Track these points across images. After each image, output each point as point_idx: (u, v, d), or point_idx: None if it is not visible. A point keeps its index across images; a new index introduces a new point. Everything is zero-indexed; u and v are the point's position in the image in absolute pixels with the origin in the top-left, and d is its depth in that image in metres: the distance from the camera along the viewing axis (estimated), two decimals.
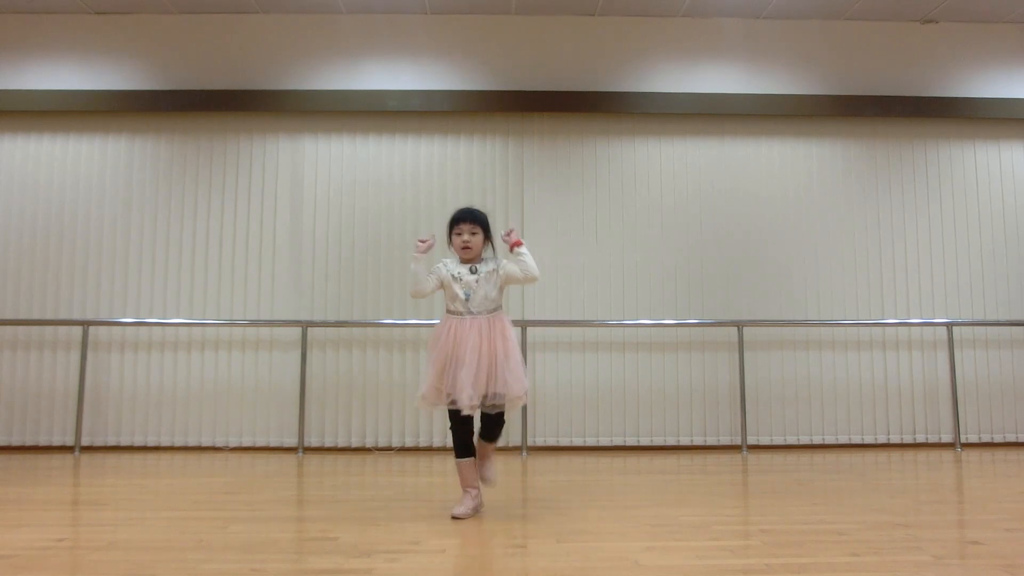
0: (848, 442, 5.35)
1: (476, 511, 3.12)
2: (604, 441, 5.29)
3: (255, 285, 5.37)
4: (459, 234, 3.18)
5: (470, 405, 2.98)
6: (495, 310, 3.15)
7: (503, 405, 3.07)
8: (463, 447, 3.13)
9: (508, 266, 3.18)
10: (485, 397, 3.01)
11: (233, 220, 5.42)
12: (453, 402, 3.01)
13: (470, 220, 3.18)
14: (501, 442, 5.15)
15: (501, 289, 3.19)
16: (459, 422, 3.10)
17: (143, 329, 5.31)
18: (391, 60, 5.49)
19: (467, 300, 3.11)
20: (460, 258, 3.21)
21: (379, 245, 5.41)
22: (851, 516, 3.08)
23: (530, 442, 5.20)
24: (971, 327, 5.49)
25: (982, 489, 3.77)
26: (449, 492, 3.69)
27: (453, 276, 3.16)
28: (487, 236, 3.22)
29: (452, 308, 3.16)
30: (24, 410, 5.24)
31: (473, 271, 3.16)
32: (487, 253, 3.25)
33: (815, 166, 5.61)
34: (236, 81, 5.42)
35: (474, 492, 3.13)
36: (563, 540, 2.71)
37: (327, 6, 5.40)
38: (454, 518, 3.03)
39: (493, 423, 3.13)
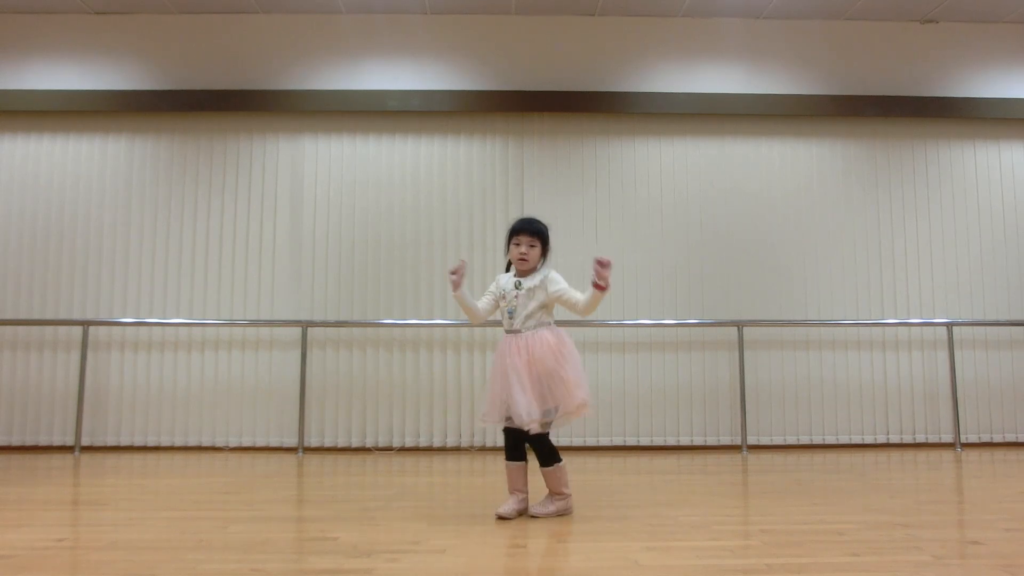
0: (848, 442, 5.35)
1: (520, 514, 3.08)
2: (604, 441, 5.29)
3: (255, 285, 5.37)
4: (517, 244, 3.12)
5: (529, 422, 2.95)
6: (539, 326, 3.08)
7: (548, 422, 3.02)
8: (510, 449, 3.12)
9: (562, 287, 3.09)
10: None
11: (233, 220, 5.42)
12: (510, 419, 3.02)
13: (529, 232, 3.12)
14: (501, 441, 5.19)
15: (546, 306, 3.11)
16: (508, 432, 3.10)
17: (143, 329, 5.31)
18: (391, 60, 5.49)
19: (511, 317, 3.10)
20: (516, 269, 3.16)
21: (379, 245, 5.41)
22: (851, 516, 3.08)
23: None
24: (971, 327, 5.49)
25: (982, 489, 3.77)
26: (449, 492, 3.70)
27: (503, 293, 3.14)
28: (545, 249, 3.16)
29: (504, 325, 3.16)
30: (24, 410, 5.24)
31: (518, 286, 3.11)
32: (541, 266, 3.17)
33: (815, 166, 5.61)
34: (236, 81, 5.42)
35: (520, 496, 3.11)
36: (563, 540, 2.71)
37: (327, 6, 5.40)
38: (498, 517, 3.02)
39: (530, 442, 3.10)
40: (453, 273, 3.10)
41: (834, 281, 5.50)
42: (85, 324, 5.19)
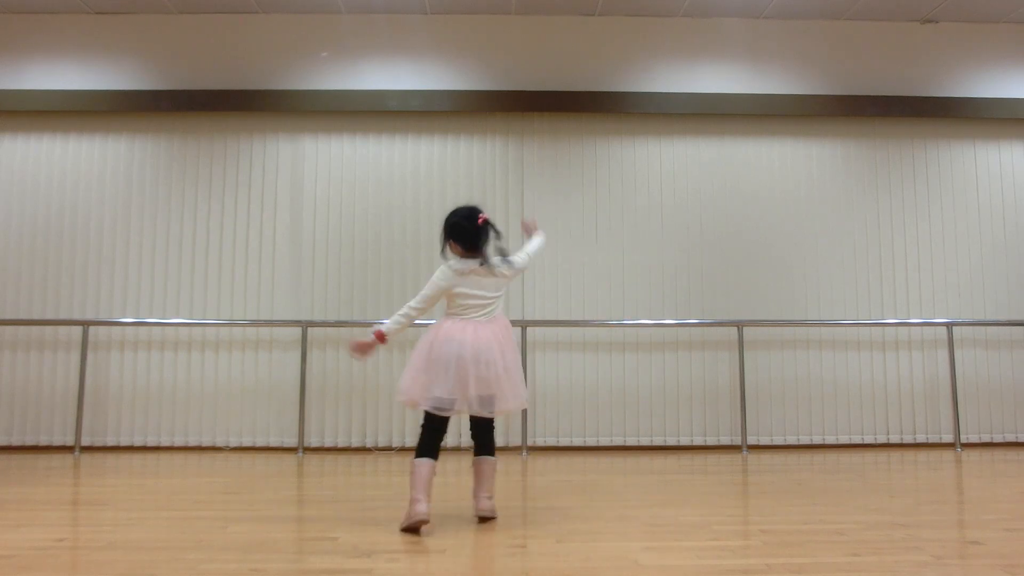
0: (848, 442, 5.35)
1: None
2: (604, 441, 5.29)
3: (255, 285, 5.37)
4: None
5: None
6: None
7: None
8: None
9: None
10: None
11: (233, 220, 5.42)
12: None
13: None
14: (501, 441, 5.19)
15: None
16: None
17: (143, 329, 5.31)
18: (391, 60, 5.49)
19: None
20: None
21: (379, 245, 5.41)
22: (851, 516, 3.08)
23: (530, 442, 5.20)
24: (971, 327, 5.49)
25: (982, 489, 3.77)
26: (449, 492, 3.70)
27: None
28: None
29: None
30: (24, 410, 5.24)
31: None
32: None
33: (815, 166, 5.61)
34: (236, 81, 5.42)
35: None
36: (563, 540, 2.71)
37: (327, 6, 5.40)
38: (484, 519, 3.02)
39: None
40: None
41: (834, 281, 5.50)
42: (85, 324, 5.19)
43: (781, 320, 5.39)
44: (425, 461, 2.91)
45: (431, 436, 2.98)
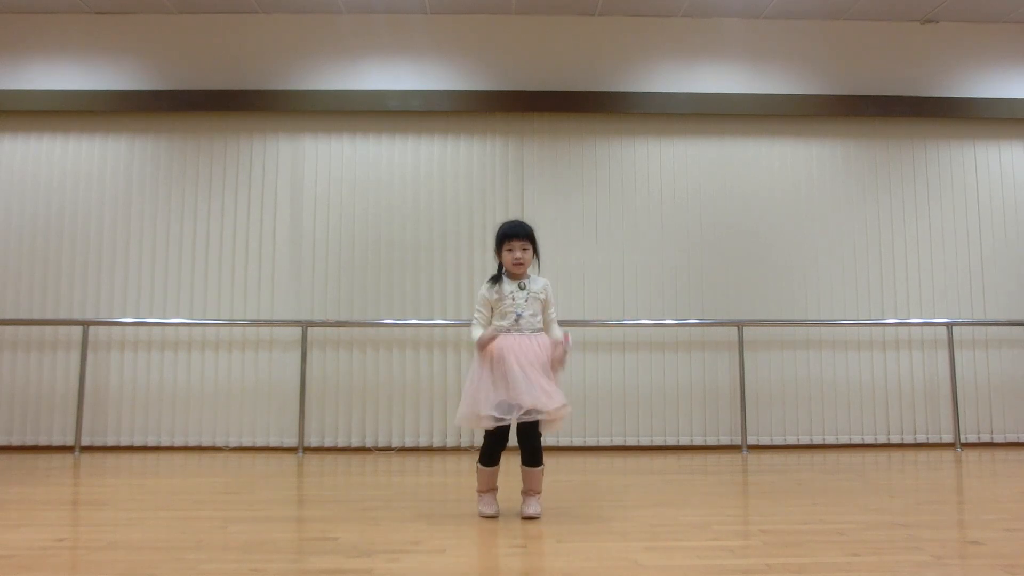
0: (848, 442, 5.35)
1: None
2: (604, 441, 5.29)
3: (255, 285, 5.37)
4: (511, 250, 3.16)
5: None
6: (539, 330, 3.16)
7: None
8: (494, 454, 3.17)
9: (553, 307, 3.24)
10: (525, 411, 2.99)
11: (233, 220, 5.42)
12: (502, 419, 2.99)
13: (521, 236, 3.17)
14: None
15: (543, 311, 3.21)
16: (499, 432, 3.10)
17: (143, 329, 5.31)
18: (391, 60, 5.49)
19: (519, 320, 3.11)
20: (510, 274, 3.18)
21: (379, 245, 5.41)
22: (851, 516, 3.08)
23: None
24: (971, 327, 5.49)
25: (982, 489, 3.77)
26: (449, 492, 3.70)
27: (502, 297, 3.14)
28: (535, 251, 3.22)
29: (500, 325, 3.13)
30: (24, 410, 5.24)
31: (522, 287, 3.16)
32: (532, 269, 3.26)
33: (815, 166, 5.61)
34: (236, 81, 5.42)
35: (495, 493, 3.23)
36: (563, 540, 2.71)
37: (327, 6, 5.40)
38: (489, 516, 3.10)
39: (533, 438, 3.13)
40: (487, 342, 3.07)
41: (834, 281, 5.50)
42: (85, 324, 5.19)
43: (781, 320, 5.39)
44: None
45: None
